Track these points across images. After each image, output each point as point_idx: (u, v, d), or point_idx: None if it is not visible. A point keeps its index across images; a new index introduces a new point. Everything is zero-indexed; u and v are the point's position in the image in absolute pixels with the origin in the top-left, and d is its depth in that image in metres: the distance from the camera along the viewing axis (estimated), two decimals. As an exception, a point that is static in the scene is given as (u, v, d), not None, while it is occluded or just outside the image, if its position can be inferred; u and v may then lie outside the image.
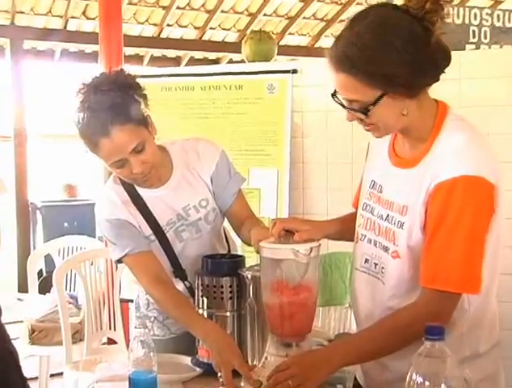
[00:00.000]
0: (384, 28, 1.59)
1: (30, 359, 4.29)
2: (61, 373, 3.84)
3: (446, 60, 1.65)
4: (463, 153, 1.61)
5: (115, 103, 2.04)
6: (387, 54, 1.57)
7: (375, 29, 1.59)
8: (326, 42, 9.11)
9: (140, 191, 2.24)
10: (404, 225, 1.70)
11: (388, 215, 1.77)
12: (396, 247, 1.73)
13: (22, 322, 4.27)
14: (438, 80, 1.66)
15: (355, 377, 2.02)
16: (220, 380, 1.90)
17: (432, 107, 1.71)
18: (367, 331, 1.78)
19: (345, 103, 1.67)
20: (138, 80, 2.19)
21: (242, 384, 1.85)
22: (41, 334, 4.17)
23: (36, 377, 4.43)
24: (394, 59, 1.57)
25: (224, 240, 2.45)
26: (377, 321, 1.76)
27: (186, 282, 2.30)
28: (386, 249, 1.77)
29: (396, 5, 1.63)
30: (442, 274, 1.60)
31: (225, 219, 2.43)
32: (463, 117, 1.73)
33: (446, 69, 1.69)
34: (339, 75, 1.62)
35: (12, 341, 2.95)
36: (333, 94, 1.69)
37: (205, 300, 2.15)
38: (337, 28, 1.70)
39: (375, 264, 1.81)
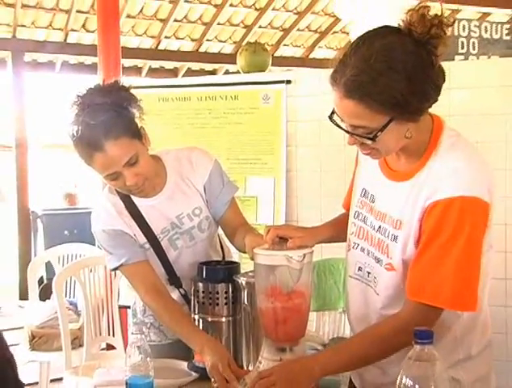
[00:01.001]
0: (393, 54, 1.53)
1: (30, 364, 4.30)
2: (61, 379, 3.82)
3: (444, 80, 1.63)
4: (461, 173, 1.60)
5: (108, 116, 2.02)
6: (398, 81, 1.52)
7: (385, 55, 1.53)
8: (320, 53, 9.16)
9: (135, 200, 2.23)
10: (399, 239, 1.69)
11: (380, 226, 1.76)
12: (390, 260, 1.72)
13: (22, 328, 4.26)
14: (437, 101, 1.64)
15: (351, 380, 2.01)
16: (215, 385, 1.90)
17: (428, 123, 1.69)
18: (349, 341, 1.80)
19: (349, 128, 1.62)
20: (136, 91, 2.18)
21: None
22: (41, 340, 4.16)
23: (37, 383, 4.44)
24: (404, 86, 1.52)
25: (219, 247, 2.43)
26: (360, 332, 1.77)
27: (180, 289, 2.30)
28: (378, 260, 1.76)
29: (398, 28, 1.58)
30: (429, 289, 1.60)
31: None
32: (458, 132, 1.72)
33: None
34: (348, 102, 1.56)
35: (10, 347, 2.93)
36: (331, 117, 1.65)
37: (201, 306, 2.14)
38: (331, 40, 1.68)
39: (368, 273, 1.80)
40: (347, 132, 1.64)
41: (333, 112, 1.64)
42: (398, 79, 1.52)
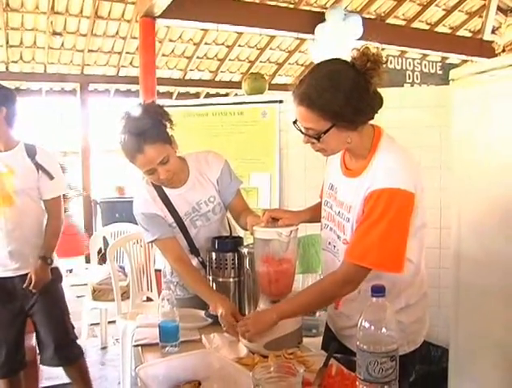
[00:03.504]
0: (337, 77, 1.56)
1: (93, 311, 4.36)
2: (115, 321, 3.85)
3: (380, 104, 1.64)
4: (391, 170, 1.60)
5: (147, 127, 2.00)
6: (337, 97, 1.54)
7: (331, 77, 1.56)
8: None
9: (166, 190, 2.20)
10: (350, 220, 1.69)
11: (339, 211, 1.76)
12: (346, 236, 1.72)
13: (86, 284, 4.28)
14: (373, 118, 1.65)
15: (327, 323, 2.00)
16: (224, 329, 1.89)
17: (369, 132, 1.69)
18: (299, 294, 1.78)
19: (303, 129, 1.64)
20: (167, 109, 2.15)
21: None
22: (100, 293, 4.19)
23: (98, 323, 4.61)
24: (342, 101, 1.54)
25: (227, 226, 2.41)
26: (307, 286, 1.80)
27: (199, 257, 2.27)
28: (339, 237, 1.76)
29: (346, 61, 1.60)
30: (358, 252, 1.61)
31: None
32: (393, 139, 1.71)
33: (392, 100, 1.69)
34: (300, 108, 1.60)
35: (65, 299, 3.01)
36: (294, 122, 1.66)
37: (214, 270, 2.13)
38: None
39: (334, 246, 1.79)
40: (302, 132, 1.65)
41: (296, 120, 1.65)
42: (338, 96, 1.54)
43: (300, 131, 1.65)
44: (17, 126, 2.85)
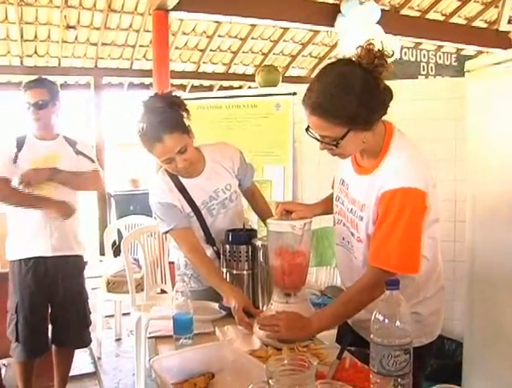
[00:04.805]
0: (345, 80, 1.51)
1: (108, 302, 4.39)
2: (129, 313, 3.87)
3: (391, 98, 1.60)
4: (403, 169, 1.58)
5: (165, 116, 2.01)
6: (349, 101, 1.50)
7: (339, 82, 1.52)
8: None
9: (183, 180, 2.21)
10: (363, 219, 1.68)
11: (351, 209, 1.75)
12: (359, 234, 1.71)
13: (101, 276, 4.32)
14: (386, 114, 1.62)
15: None
16: (237, 321, 1.90)
17: (381, 129, 1.66)
18: (334, 303, 1.77)
19: (318, 137, 1.61)
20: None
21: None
22: (114, 285, 4.20)
23: (113, 315, 4.64)
24: (355, 104, 1.50)
25: (242, 217, 2.43)
26: (340, 295, 1.76)
27: (214, 247, 2.28)
28: (352, 234, 1.75)
29: (351, 60, 1.56)
30: (381, 256, 1.59)
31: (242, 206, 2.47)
32: (404, 135, 1.69)
33: (406, 92, 1.66)
34: (313, 118, 1.56)
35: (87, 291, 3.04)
36: (307, 129, 1.62)
37: (228, 262, 2.14)
38: (327, 63, 1.64)
39: (348, 242, 1.79)
40: (318, 140, 1.62)
41: (308, 126, 1.61)
42: (349, 99, 1.50)
43: (316, 139, 1.62)
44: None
